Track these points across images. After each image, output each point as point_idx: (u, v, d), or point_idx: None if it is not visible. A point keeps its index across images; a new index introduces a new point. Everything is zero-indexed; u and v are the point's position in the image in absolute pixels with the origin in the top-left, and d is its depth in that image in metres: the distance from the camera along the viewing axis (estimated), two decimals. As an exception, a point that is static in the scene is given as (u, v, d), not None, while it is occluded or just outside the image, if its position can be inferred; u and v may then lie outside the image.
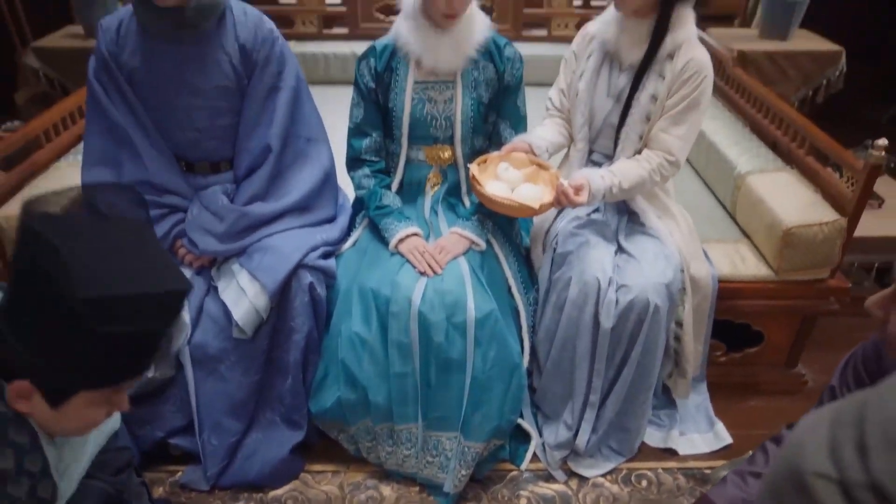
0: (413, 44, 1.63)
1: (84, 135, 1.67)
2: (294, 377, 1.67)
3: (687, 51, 1.54)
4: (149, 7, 1.51)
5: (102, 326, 0.85)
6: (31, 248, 0.85)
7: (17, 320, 0.88)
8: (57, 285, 0.83)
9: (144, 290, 0.87)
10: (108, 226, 0.93)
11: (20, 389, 0.89)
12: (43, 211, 0.90)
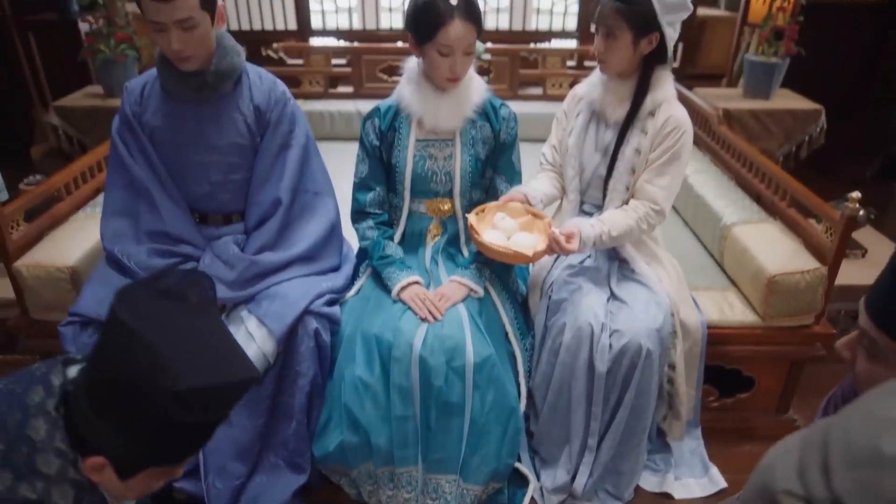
0: (415, 105, 1.75)
1: (105, 187, 1.78)
2: (298, 421, 1.72)
3: (667, 109, 1.66)
4: (173, 71, 1.64)
5: (185, 416, 0.90)
6: (122, 340, 0.89)
7: (100, 403, 0.92)
8: (147, 379, 0.87)
9: (224, 380, 0.92)
10: (189, 315, 0.96)
11: (95, 464, 0.94)
12: (133, 303, 0.93)
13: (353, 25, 4.34)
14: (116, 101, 3.13)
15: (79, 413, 0.93)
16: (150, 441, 0.93)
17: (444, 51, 1.61)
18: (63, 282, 1.83)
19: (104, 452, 0.93)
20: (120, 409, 0.91)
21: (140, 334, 0.87)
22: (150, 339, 0.87)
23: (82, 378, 0.96)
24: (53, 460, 0.93)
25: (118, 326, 0.89)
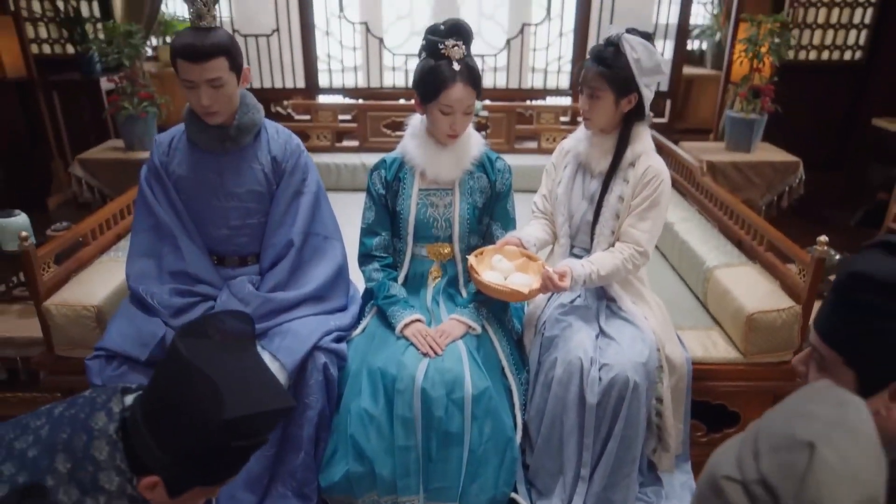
0: (418, 158, 1.91)
1: (132, 230, 1.93)
2: (307, 452, 1.82)
3: (646, 159, 1.83)
4: (200, 124, 1.82)
5: (232, 441, 1.01)
6: (181, 371, 1.01)
7: (157, 427, 1.03)
8: (202, 407, 0.98)
9: (266, 409, 1.04)
10: (234, 351, 1.09)
11: (149, 483, 1.04)
12: (192, 340, 1.05)
13: (358, 83, 4.59)
14: (137, 155, 3.33)
15: (137, 436, 1.04)
16: (200, 462, 1.04)
17: (446, 110, 1.78)
18: (89, 320, 1.96)
19: (158, 472, 1.04)
20: (174, 433, 1.02)
21: (198, 367, 1.00)
22: (208, 371, 0.99)
23: (139, 405, 1.07)
24: (114, 478, 1.04)
25: (178, 359, 1.01)
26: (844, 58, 4.73)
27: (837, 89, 4.78)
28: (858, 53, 4.71)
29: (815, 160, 4.81)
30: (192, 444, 1.01)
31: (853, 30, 4.64)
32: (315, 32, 4.26)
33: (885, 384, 1.04)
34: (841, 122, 4.85)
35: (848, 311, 1.07)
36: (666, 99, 4.44)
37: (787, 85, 4.50)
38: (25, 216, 2.38)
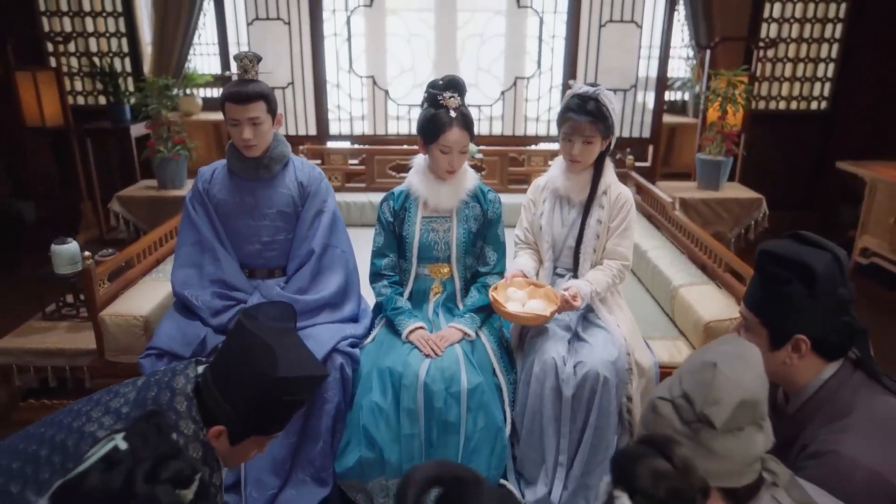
0: (422, 190, 2.26)
1: (177, 245, 2.27)
2: (325, 441, 2.10)
3: (615, 188, 2.19)
4: (239, 155, 2.19)
5: (284, 396, 1.32)
6: (246, 341, 1.32)
7: (225, 386, 1.33)
8: (261, 369, 1.28)
9: (308, 374, 1.35)
10: (283, 331, 1.40)
11: (216, 432, 1.33)
12: (253, 319, 1.38)
13: (364, 131, 4.99)
14: (169, 192, 3.69)
15: (208, 394, 1.34)
16: (256, 414, 1.34)
17: (445, 150, 2.14)
18: (137, 328, 2.28)
19: (224, 423, 1.34)
20: (238, 389, 1.32)
21: (260, 337, 1.31)
22: (270, 342, 1.31)
23: (209, 370, 1.38)
24: (190, 425, 1.33)
25: (244, 333, 1.33)
26: (811, 107, 5.16)
27: (807, 136, 5.19)
28: (824, 104, 5.13)
29: (790, 200, 5.19)
30: (251, 398, 1.32)
31: (818, 82, 5.08)
32: (326, 85, 4.70)
33: (788, 338, 1.36)
34: (811, 165, 5.23)
35: (760, 280, 1.42)
36: (648, 145, 4.84)
37: (761, 132, 4.93)
38: (76, 243, 2.71)
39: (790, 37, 4.97)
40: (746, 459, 1.01)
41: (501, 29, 5.04)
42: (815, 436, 1.32)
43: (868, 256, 4.30)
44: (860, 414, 1.32)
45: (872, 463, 1.22)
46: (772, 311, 1.38)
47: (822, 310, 1.34)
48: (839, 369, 1.39)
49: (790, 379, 1.41)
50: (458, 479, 0.75)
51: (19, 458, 1.29)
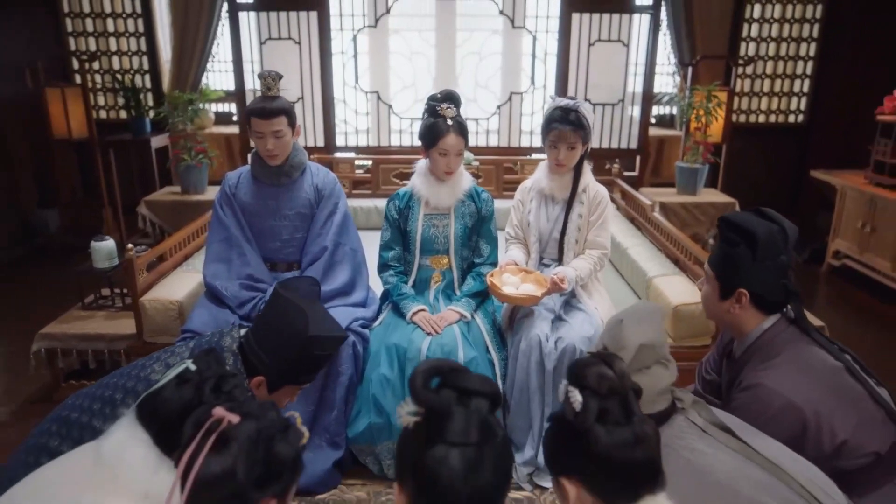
0: (423, 190, 2.57)
1: (207, 241, 2.57)
2: (339, 410, 2.39)
3: (593, 186, 2.50)
4: (262, 163, 2.49)
5: (314, 352, 1.61)
6: (282, 306, 1.62)
7: (264, 343, 1.62)
8: (296, 327, 1.58)
9: (332, 334, 1.65)
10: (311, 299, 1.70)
11: (257, 382, 1.63)
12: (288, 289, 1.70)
13: (369, 143, 5.32)
14: (192, 197, 4.01)
15: (250, 350, 1.64)
16: (290, 366, 1.63)
17: (443, 153, 2.45)
18: (173, 312, 2.58)
19: (263, 374, 1.63)
20: (276, 345, 1.62)
21: (294, 302, 1.62)
22: (303, 306, 1.61)
23: (250, 332, 1.68)
24: (234, 373, 1.63)
25: (280, 299, 1.63)
26: (789, 121, 5.49)
27: (786, 147, 5.51)
28: (801, 117, 5.46)
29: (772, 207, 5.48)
30: (286, 353, 1.61)
31: (794, 97, 5.41)
32: (333, 100, 5.03)
33: (732, 291, 1.66)
34: (791, 175, 5.55)
35: (719, 242, 1.71)
36: (636, 155, 5.16)
37: (742, 143, 5.25)
38: (112, 241, 3.02)
39: (767, 55, 5.31)
40: (656, 391, 1.31)
41: (498, 47, 5.39)
42: (748, 373, 1.62)
43: (840, 258, 4.61)
44: (785, 357, 1.61)
45: (788, 394, 1.51)
46: (722, 267, 1.69)
47: (763, 270, 1.62)
48: (776, 322, 1.67)
49: (736, 327, 1.71)
50: (452, 369, 1.04)
51: (99, 401, 1.58)
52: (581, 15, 4.94)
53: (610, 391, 1.09)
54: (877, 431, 1.56)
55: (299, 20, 4.90)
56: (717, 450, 1.32)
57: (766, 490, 1.26)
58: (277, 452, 1.08)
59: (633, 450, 1.06)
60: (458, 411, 0.96)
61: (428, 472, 0.94)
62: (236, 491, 1.02)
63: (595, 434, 1.06)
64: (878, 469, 1.56)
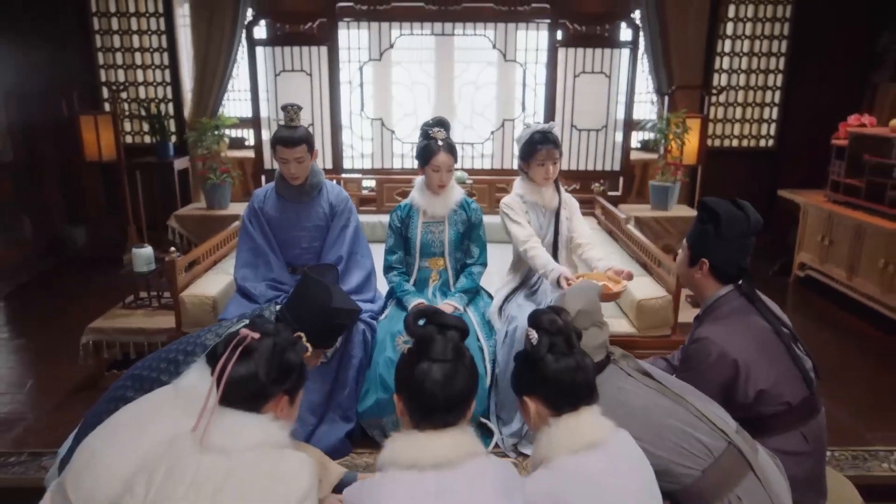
0: (421, 202, 3.00)
1: (237, 249, 3.00)
2: (350, 388, 2.79)
3: (565, 194, 2.95)
4: (285, 183, 2.93)
5: (335, 321, 2.01)
6: (311, 285, 2.02)
7: (296, 314, 2.00)
8: (321, 300, 1.97)
9: (350, 307, 2.05)
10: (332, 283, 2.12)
11: None
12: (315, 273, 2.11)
13: (373, 166, 5.78)
14: (216, 212, 4.45)
15: (284, 320, 2.04)
16: (316, 331, 2.03)
17: (435, 169, 2.89)
18: (208, 306, 3.01)
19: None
20: (305, 316, 2.01)
21: (321, 282, 2.03)
22: (328, 284, 2.03)
23: (285, 306, 2.09)
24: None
25: (310, 280, 2.05)
26: (760, 145, 5.95)
27: (758, 169, 5.96)
28: (771, 141, 5.93)
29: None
30: (313, 321, 2.02)
31: (765, 123, 5.89)
32: (341, 126, 5.51)
33: (697, 260, 2.06)
34: (764, 194, 5.97)
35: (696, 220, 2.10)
36: (619, 176, 5.62)
37: (717, 166, 5.70)
38: (150, 248, 3.45)
39: (739, 85, 5.79)
40: (593, 346, 1.72)
41: (493, 77, 5.87)
42: (699, 330, 2.02)
43: (804, 270, 5.03)
44: (730, 320, 2.01)
45: (724, 346, 1.91)
46: (693, 239, 2.10)
47: (723, 247, 2.02)
48: (729, 292, 2.06)
49: (699, 290, 2.12)
50: (434, 312, 1.46)
51: (164, 362, 2.00)
52: (567, 49, 5.44)
53: (557, 331, 1.52)
54: (791, 387, 1.96)
55: (311, 54, 5.39)
56: (636, 387, 1.73)
57: (671, 414, 1.68)
58: (288, 359, 1.49)
59: (574, 373, 1.48)
60: (437, 338, 1.38)
61: (416, 381, 1.36)
62: (258, 387, 1.43)
63: (546, 362, 1.48)
64: (788, 417, 1.97)
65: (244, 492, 1.30)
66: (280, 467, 1.36)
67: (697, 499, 1.67)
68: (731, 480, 1.66)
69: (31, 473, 2.61)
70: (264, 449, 1.38)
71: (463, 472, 1.36)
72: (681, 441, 1.68)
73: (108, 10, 5.49)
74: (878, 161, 4.27)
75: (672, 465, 1.66)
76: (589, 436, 1.46)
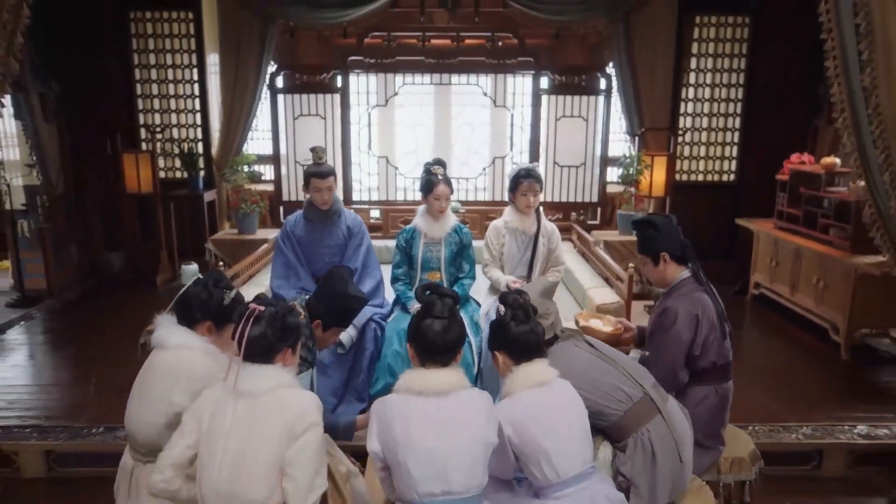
0: (422, 226, 3.71)
1: (272, 265, 3.69)
2: (364, 375, 3.46)
3: (547, 224, 3.65)
4: (315, 209, 3.64)
5: (352, 305, 2.68)
6: (333, 278, 2.69)
7: (321, 299, 2.66)
8: (340, 290, 2.64)
9: (361, 296, 2.72)
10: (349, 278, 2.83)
11: (317, 324, 2.67)
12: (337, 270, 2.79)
13: (379, 198, 6.51)
14: (246, 237, 5.17)
15: (312, 304, 2.72)
16: (336, 313, 2.71)
17: (437, 198, 3.60)
18: (248, 310, 3.68)
19: (320, 318, 2.71)
20: (328, 301, 2.69)
21: (342, 277, 2.72)
22: (345, 277, 2.72)
23: (312, 295, 2.77)
24: (304, 322, 2.72)
25: (332, 275, 2.74)
26: (723, 179, 6.69)
27: (722, 201, 6.67)
28: (732, 176, 6.67)
29: (714, 252, 6.62)
30: (334, 305, 2.69)
31: (726, 160, 6.63)
32: (351, 163, 6.26)
33: (658, 256, 2.72)
34: (727, 224, 6.67)
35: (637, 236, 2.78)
36: (597, 207, 6.36)
37: (685, 198, 6.42)
38: (196, 265, 4.15)
39: (702, 127, 6.55)
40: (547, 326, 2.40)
41: (486, 119, 6.65)
42: (663, 304, 2.68)
43: (759, 288, 5.71)
44: (687, 294, 2.65)
45: (686, 306, 2.56)
46: (645, 247, 2.77)
47: (667, 238, 2.69)
48: (688, 276, 2.72)
49: (668, 279, 2.76)
50: (436, 286, 2.15)
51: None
52: (549, 96, 6.24)
53: (518, 306, 2.20)
54: (718, 351, 2.61)
55: (325, 101, 6.19)
56: (580, 354, 2.40)
57: (604, 373, 2.35)
58: (287, 321, 2.01)
59: (528, 334, 2.15)
60: (437, 302, 2.06)
61: (422, 332, 2.03)
62: (268, 344, 1.95)
63: (510, 326, 2.16)
64: (710, 375, 2.63)
65: (271, 422, 1.85)
66: (294, 402, 1.92)
67: (620, 431, 2.32)
68: (644, 419, 2.32)
69: (109, 441, 3.27)
70: (281, 389, 1.92)
71: (454, 398, 2.01)
72: (609, 391, 2.34)
73: (149, 63, 6.29)
74: (811, 194, 5.00)
75: (602, 408, 2.32)
76: (539, 377, 2.13)
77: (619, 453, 2.34)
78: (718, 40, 6.31)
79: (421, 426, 1.95)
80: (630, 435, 2.31)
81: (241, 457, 1.81)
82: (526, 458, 2.07)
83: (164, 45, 6.26)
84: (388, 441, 1.97)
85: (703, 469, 2.60)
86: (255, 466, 1.80)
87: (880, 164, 2.87)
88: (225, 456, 1.81)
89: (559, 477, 2.05)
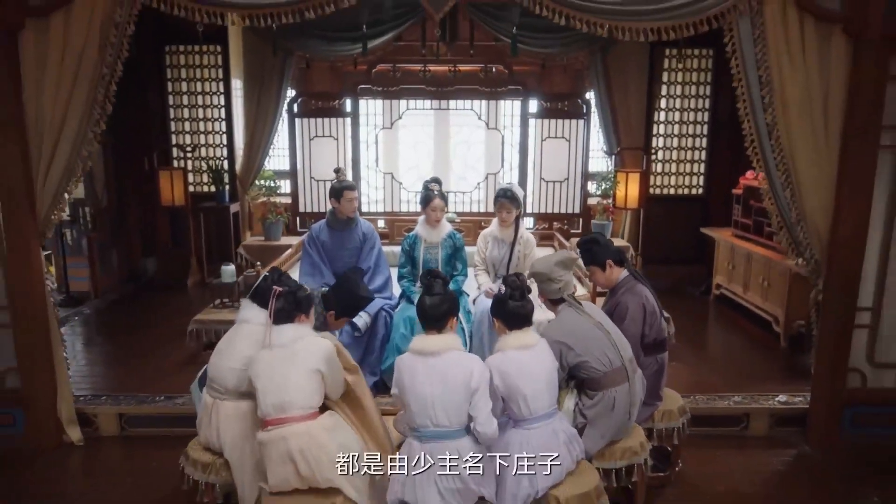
0: (422, 233, 4.49)
1: (299, 265, 4.48)
2: (376, 353, 4.23)
3: (525, 234, 4.44)
4: (337, 217, 4.43)
5: (359, 301, 3.45)
6: (348, 276, 3.47)
7: (336, 292, 3.40)
8: (351, 285, 3.40)
9: (368, 294, 3.49)
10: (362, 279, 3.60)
11: (331, 314, 3.44)
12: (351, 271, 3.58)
13: (384, 210, 7.29)
14: (272, 243, 5.97)
15: (327, 297, 3.48)
16: (347, 305, 3.46)
17: (433, 210, 4.39)
18: (280, 302, 4.46)
19: (333, 308, 3.47)
20: (342, 294, 3.44)
21: (352, 276, 3.50)
22: (357, 278, 3.50)
23: (329, 288, 3.53)
24: (321, 311, 3.46)
25: (346, 274, 3.52)
26: (693, 192, 7.46)
27: (692, 212, 7.43)
28: (700, 190, 7.45)
29: (685, 258, 7.40)
30: (346, 297, 3.45)
31: (695, 176, 7.42)
32: (360, 179, 7.05)
33: (604, 264, 3.49)
34: (696, 232, 7.44)
35: (582, 254, 3.56)
36: (578, 218, 7.14)
37: (659, 210, 7.20)
38: (233, 266, 4.92)
39: (673, 146, 7.34)
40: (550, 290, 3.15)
41: (480, 139, 7.44)
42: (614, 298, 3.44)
43: (720, 289, 6.48)
44: (627, 290, 3.40)
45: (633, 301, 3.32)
46: (592, 260, 3.53)
47: (605, 250, 3.43)
48: (627, 276, 3.48)
49: (611, 281, 3.51)
50: (435, 272, 2.92)
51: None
52: (535, 120, 7.03)
53: (516, 287, 2.96)
54: (657, 330, 3.37)
55: (337, 124, 6.98)
56: (579, 317, 3.11)
57: (595, 337, 3.05)
58: (298, 296, 2.85)
59: (520, 309, 2.91)
60: (435, 283, 2.84)
61: (421, 305, 2.81)
62: (288, 311, 2.80)
63: (507, 302, 2.92)
64: (653, 347, 3.38)
65: (299, 361, 2.68)
66: (314, 343, 2.76)
67: (596, 384, 3.00)
68: (615, 383, 3.02)
69: (170, 406, 4.04)
70: (301, 340, 2.76)
71: (448, 357, 2.76)
72: (598, 355, 3.03)
73: (181, 90, 7.11)
74: (759, 206, 5.78)
75: (588, 364, 3.02)
76: (525, 342, 2.87)
77: (587, 400, 3.04)
78: (686, 70, 7.12)
79: (420, 377, 2.70)
80: (602, 390, 3.00)
81: (286, 379, 2.65)
82: (508, 398, 2.80)
83: (195, 75, 7.09)
84: (400, 387, 2.74)
85: (643, 419, 3.35)
86: (299, 382, 2.66)
87: (782, 182, 3.66)
88: (271, 383, 2.65)
89: (532, 414, 2.78)
